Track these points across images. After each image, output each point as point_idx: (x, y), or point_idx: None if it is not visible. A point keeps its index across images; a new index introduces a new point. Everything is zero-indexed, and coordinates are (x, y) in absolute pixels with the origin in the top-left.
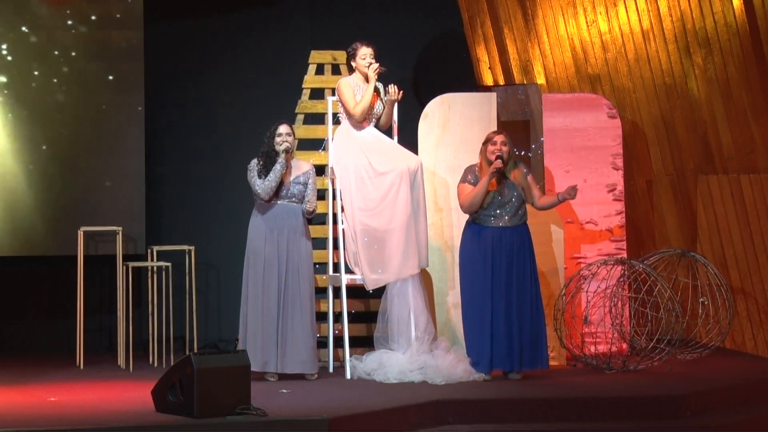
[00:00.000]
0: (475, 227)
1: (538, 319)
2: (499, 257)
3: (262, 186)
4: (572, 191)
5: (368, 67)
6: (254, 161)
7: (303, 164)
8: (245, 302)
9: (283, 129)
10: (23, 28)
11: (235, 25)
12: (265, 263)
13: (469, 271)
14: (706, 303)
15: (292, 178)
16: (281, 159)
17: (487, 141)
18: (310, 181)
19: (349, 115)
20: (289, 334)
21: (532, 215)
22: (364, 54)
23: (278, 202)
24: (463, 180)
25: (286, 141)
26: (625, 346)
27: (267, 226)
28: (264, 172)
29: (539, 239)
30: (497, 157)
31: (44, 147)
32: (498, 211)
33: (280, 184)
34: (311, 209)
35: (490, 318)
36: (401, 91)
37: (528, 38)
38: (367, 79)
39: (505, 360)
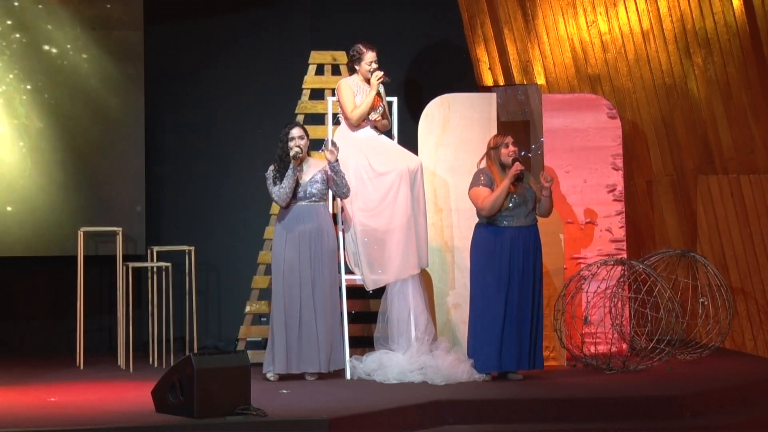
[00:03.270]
0: (491, 228)
1: (540, 320)
2: (517, 257)
3: (277, 193)
4: (546, 178)
5: (372, 73)
6: (270, 168)
7: (319, 162)
8: (272, 307)
9: (295, 132)
10: (23, 28)
11: (235, 25)
12: (285, 267)
13: (484, 272)
14: (706, 303)
15: (308, 178)
16: (292, 165)
17: (498, 145)
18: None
19: (346, 118)
20: (315, 334)
21: None
22: (370, 60)
23: (298, 203)
24: (477, 184)
25: (298, 145)
26: (625, 346)
27: (287, 229)
28: (279, 177)
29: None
30: (515, 160)
31: (44, 147)
32: (515, 212)
33: (297, 185)
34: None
35: (504, 319)
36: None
37: (528, 39)
38: (368, 82)
39: (513, 360)
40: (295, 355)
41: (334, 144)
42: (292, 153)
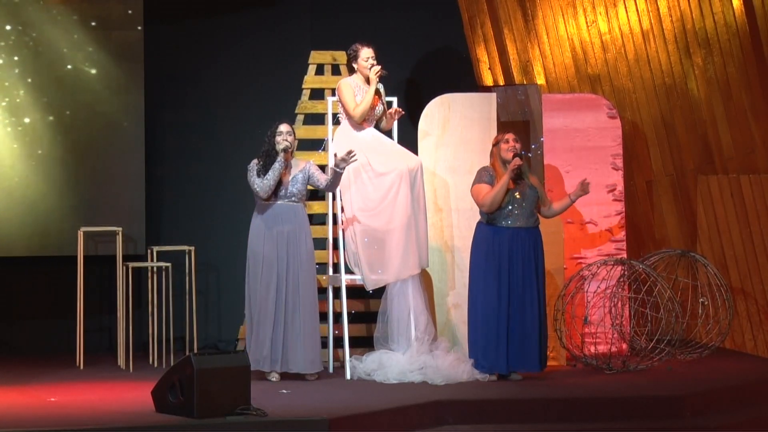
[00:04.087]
0: (490, 228)
1: (544, 321)
2: (516, 258)
3: (260, 184)
4: (585, 186)
5: (370, 69)
6: (254, 161)
7: (301, 163)
8: (247, 302)
9: (283, 128)
10: (23, 29)
11: (235, 25)
12: (264, 263)
13: (483, 272)
14: (706, 303)
15: (290, 178)
16: (280, 158)
17: (499, 141)
18: (312, 170)
19: (349, 117)
20: (291, 334)
21: None
22: (366, 56)
23: (277, 202)
24: (479, 181)
25: (286, 140)
26: (625, 346)
27: (266, 226)
28: (263, 171)
29: None
30: (515, 155)
31: (44, 147)
32: (515, 212)
33: (279, 184)
34: (323, 183)
35: (505, 320)
36: (402, 112)
37: (528, 39)
38: (368, 81)
39: (516, 361)
40: (270, 354)
41: (350, 153)
42: (282, 146)
